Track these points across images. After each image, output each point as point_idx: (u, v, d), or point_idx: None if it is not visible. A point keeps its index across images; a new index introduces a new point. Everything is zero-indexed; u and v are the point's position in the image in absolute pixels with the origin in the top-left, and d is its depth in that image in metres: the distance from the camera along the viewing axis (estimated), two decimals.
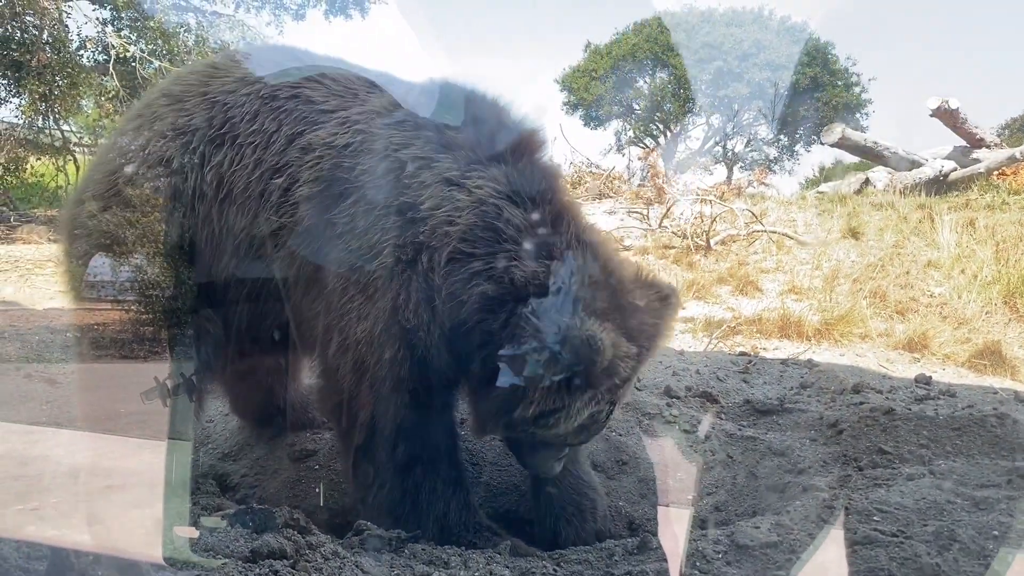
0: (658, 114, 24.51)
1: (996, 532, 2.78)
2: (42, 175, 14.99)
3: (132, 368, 3.53)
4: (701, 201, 10.44)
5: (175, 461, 2.82)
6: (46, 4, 13.22)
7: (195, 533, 2.35)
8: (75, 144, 14.96)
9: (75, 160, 15.11)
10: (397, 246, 2.85)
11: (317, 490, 4.26)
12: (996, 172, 13.96)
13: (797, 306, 6.92)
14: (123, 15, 14.74)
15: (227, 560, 2.23)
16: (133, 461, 3.23)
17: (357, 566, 2.12)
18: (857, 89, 23.33)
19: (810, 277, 7.92)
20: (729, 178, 22.93)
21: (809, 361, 5.38)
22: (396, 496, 3.07)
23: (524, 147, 3.02)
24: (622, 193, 14.38)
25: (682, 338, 6.09)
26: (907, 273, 7.92)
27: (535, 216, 2.87)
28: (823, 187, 17.32)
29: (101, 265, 3.37)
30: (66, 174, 15.04)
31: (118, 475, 3.35)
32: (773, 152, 24.91)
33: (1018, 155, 14.16)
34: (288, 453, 4.42)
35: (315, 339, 3.10)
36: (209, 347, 3.24)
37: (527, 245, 2.80)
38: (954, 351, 5.66)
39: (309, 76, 3.28)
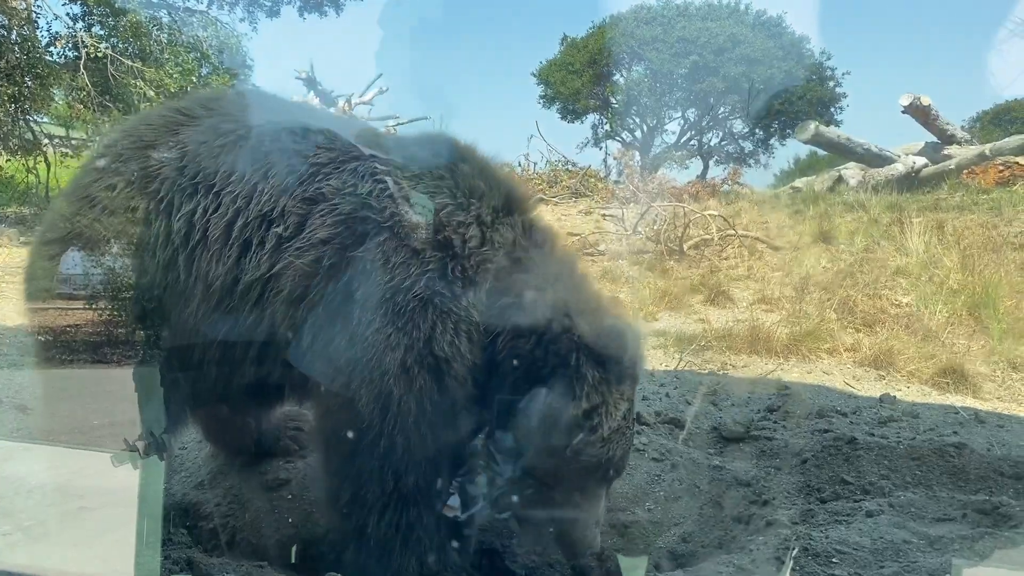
0: (634, 108, 24.58)
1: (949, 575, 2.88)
2: (11, 176, 14.82)
3: (103, 374, 3.53)
4: (675, 206, 10.52)
5: (146, 513, 2.84)
6: (15, 4, 13.04)
7: None
8: (46, 144, 14.78)
9: (46, 159, 14.95)
10: (435, 279, 3.00)
11: (291, 520, 4.31)
12: (966, 171, 14.15)
13: (767, 318, 7.02)
14: (94, 11, 14.54)
15: None
16: (107, 479, 3.20)
17: None
18: (831, 83, 23.52)
19: (780, 285, 8.03)
20: (705, 172, 23.11)
21: (777, 382, 5.48)
22: (391, 531, 3.13)
23: (529, 204, 3.39)
24: (598, 191, 14.45)
25: (654, 354, 6.17)
26: (876, 281, 8.05)
27: (550, 259, 3.25)
28: (797, 182, 17.50)
29: (72, 260, 3.42)
30: (37, 174, 14.89)
31: (92, 495, 3.35)
32: (748, 146, 25.07)
33: (988, 152, 14.37)
34: (261, 482, 4.45)
35: (325, 373, 3.12)
36: (180, 400, 3.26)
37: (549, 283, 3.14)
38: (918, 368, 5.77)
39: (289, 127, 3.31)
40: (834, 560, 3.05)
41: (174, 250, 3.12)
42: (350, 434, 3.09)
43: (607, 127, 25.59)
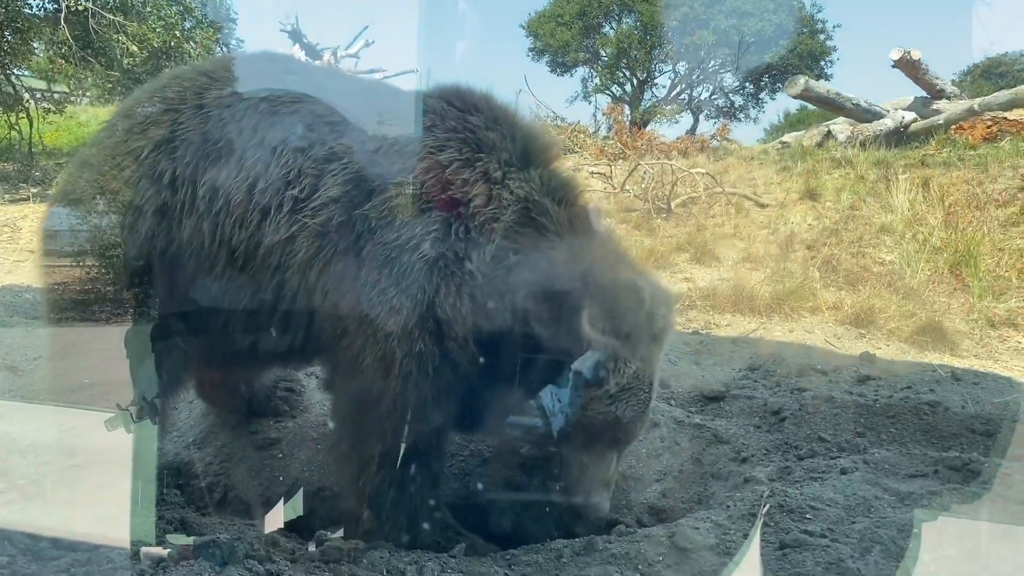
0: (624, 61, 24.37)
1: (915, 530, 2.99)
2: None
3: (94, 333, 3.57)
4: (663, 163, 10.53)
5: (141, 475, 2.92)
6: None
7: (164, 551, 2.47)
8: (28, 100, 14.60)
9: (28, 114, 14.78)
10: (439, 240, 3.01)
11: (281, 479, 4.40)
12: (955, 126, 14.15)
13: (752, 277, 7.10)
14: None
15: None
16: (99, 437, 3.25)
17: None
18: (822, 36, 23.36)
19: (766, 244, 8.10)
20: (694, 127, 23.04)
21: (759, 341, 5.58)
22: (385, 484, 3.24)
23: (549, 155, 3.30)
24: (587, 147, 14.42)
25: None
26: (860, 239, 8.12)
27: (567, 214, 3.15)
28: (786, 137, 17.49)
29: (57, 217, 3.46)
30: (19, 130, 14.73)
31: (85, 453, 3.41)
32: (738, 100, 24.95)
33: (976, 107, 14.36)
34: (252, 441, 4.54)
35: (335, 334, 3.16)
36: (177, 365, 3.31)
37: (565, 239, 3.09)
38: (899, 326, 5.87)
39: (310, 87, 3.32)
40: (807, 516, 3.15)
41: (199, 216, 3.15)
42: (354, 391, 3.19)
43: (597, 81, 25.43)
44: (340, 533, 3.15)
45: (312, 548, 2.87)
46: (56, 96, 18.28)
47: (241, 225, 3.12)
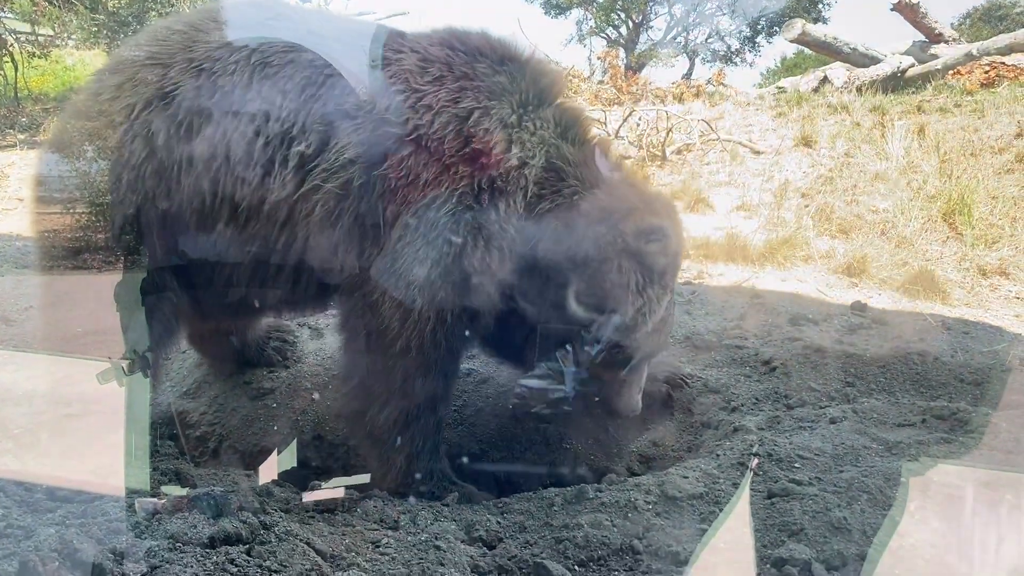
0: (619, 3, 23.97)
1: (901, 479, 3.03)
2: None
3: (85, 281, 3.56)
4: (658, 110, 10.43)
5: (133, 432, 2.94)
6: None
7: (159, 502, 2.49)
8: (11, 44, 14.32)
9: (12, 58, 14.51)
10: (465, 194, 3.05)
11: (275, 428, 4.44)
12: (952, 71, 14.00)
13: (745, 225, 7.09)
14: None
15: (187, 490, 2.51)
16: (93, 386, 3.26)
17: (308, 544, 2.29)
18: None
19: (760, 191, 8.06)
20: (690, 71, 22.75)
21: (752, 290, 5.59)
22: (389, 423, 3.31)
23: (556, 90, 3.31)
24: (582, 92, 14.24)
25: None
26: (854, 187, 8.09)
27: (583, 152, 3.25)
28: (783, 82, 17.28)
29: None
30: (4, 74, 14.48)
31: (79, 402, 3.43)
32: (735, 44, 24.60)
33: (975, 51, 14.19)
34: (246, 391, 4.56)
35: (352, 281, 3.21)
36: (169, 319, 3.30)
37: (584, 178, 3.20)
38: (890, 275, 5.88)
39: (301, 35, 3.24)
40: (796, 465, 3.19)
41: (197, 174, 3.11)
42: (368, 330, 3.23)
43: (592, 23, 25.00)
44: (334, 482, 3.19)
45: (306, 498, 2.90)
46: (41, 39, 17.93)
47: (243, 182, 3.09)
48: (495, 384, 4.39)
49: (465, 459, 3.84)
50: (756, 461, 3.18)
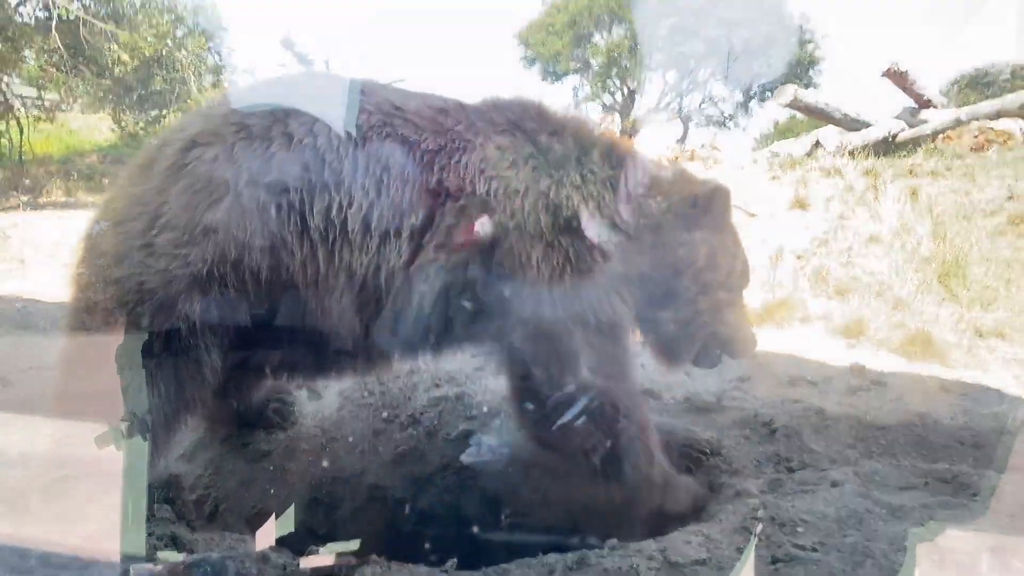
0: (615, 70, 24.48)
1: (906, 543, 3.00)
2: None
3: (84, 341, 3.54)
4: None
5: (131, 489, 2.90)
6: None
7: (155, 569, 2.46)
8: (19, 108, 14.55)
9: (19, 122, 14.73)
10: (572, 269, 3.36)
11: (273, 491, 4.39)
12: (942, 135, 14.25)
13: None
14: None
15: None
16: (90, 448, 3.24)
17: None
18: (811, 46, 23.51)
19: (756, 254, 8.11)
20: (685, 135, 23.13)
21: None
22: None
23: (591, 134, 3.68)
24: None
25: None
26: (850, 249, 8.16)
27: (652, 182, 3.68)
28: (776, 146, 17.54)
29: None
30: (9, 137, 14.67)
31: (75, 464, 3.38)
32: (728, 109, 25.07)
33: (963, 117, 14.47)
34: (244, 453, 4.52)
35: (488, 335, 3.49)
36: (201, 383, 3.29)
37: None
38: (888, 337, 5.90)
39: (389, 111, 3.39)
40: (799, 529, 3.16)
41: (312, 246, 3.19)
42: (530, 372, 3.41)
43: (587, 89, 25.50)
44: (331, 547, 3.15)
45: (303, 564, 2.85)
46: (46, 103, 18.23)
47: (361, 251, 3.20)
48: (490, 443, 4.37)
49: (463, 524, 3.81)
50: (760, 527, 3.15)
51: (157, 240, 3.12)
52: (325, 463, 4.32)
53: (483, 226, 3.25)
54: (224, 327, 3.22)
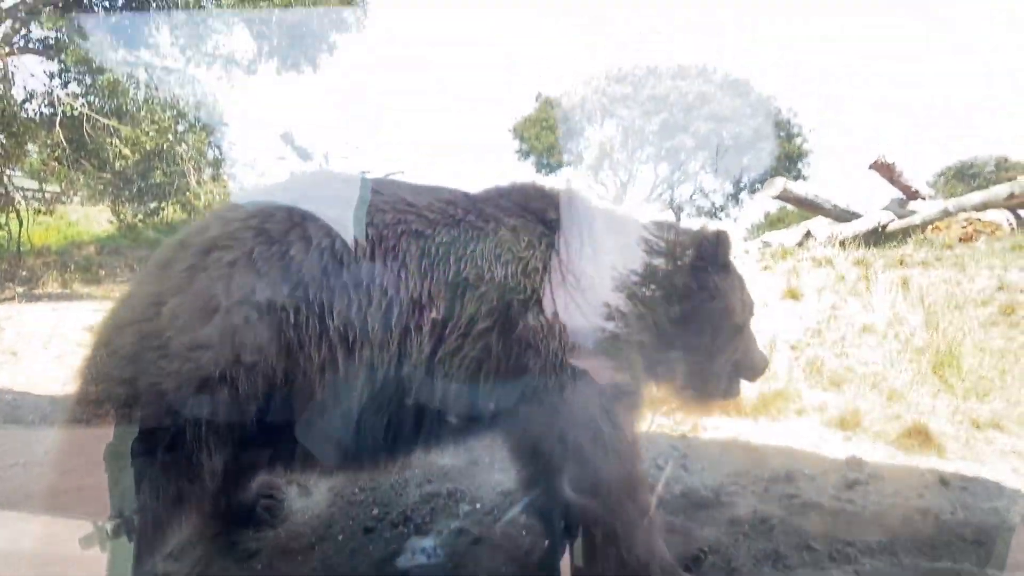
0: (607, 163, 24.98)
1: None
2: None
3: (83, 435, 3.48)
4: None
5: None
6: None
7: None
8: (19, 201, 14.72)
9: (18, 215, 14.87)
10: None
11: None
12: (931, 226, 14.46)
13: None
14: (71, 69, 14.58)
15: None
16: (74, 546, 3.16)
17: None
18: (799, 140, 24.06)
19: None
20: None
21: (747, 444, 5.55)
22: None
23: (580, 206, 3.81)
24: None
25: None
26: (843, 339, 8.18)
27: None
28: (767, 236, 17.77)
29: None
30: (8, 230, 14.78)
31: (60, 563, 3.29)
32: (719, 200, 25.48)
33: (951, 208, 14.71)
34: (232, 552, 4.42)
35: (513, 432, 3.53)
36: (202, 480, 3.24)
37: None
38: (884, 429, 5.86)
39: (402, 208, 3.47)
40: None
41: (331, 346, 3.18)
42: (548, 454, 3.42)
43: (581, 181, 25.93)
44: None
45: None
46: (47, 195, 18.46)
47: (382, 348, 3.21)
48: (425, 547, 4.28)
49: None
50: None
51: (172, 342, 3.11)
52: (315, 564, 4.22)
53: (506, 310, 3.31)
54: (230, 430, 3.19)
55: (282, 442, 3.48)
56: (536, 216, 3.58)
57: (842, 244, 14.04)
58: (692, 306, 3.75)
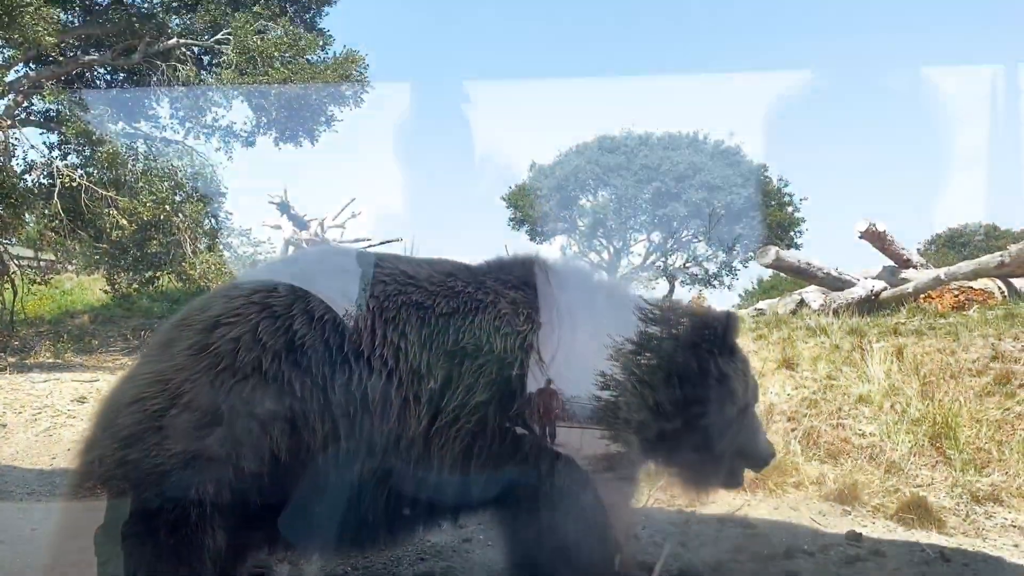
0: (600, 231, 25.20)
1: None
2: None
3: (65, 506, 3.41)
4: None
5: None
6: None
7: None
8: (14, 271, 14.72)
9: (13, 284, 14.85)
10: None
11: None
12: (923, 295, 14.52)
13: None
14: (71, 140, 14.73)
15: None
16: None
17: None
18: (790, 209, 24.34)
19: None
20: (671, 294, 23.48)
21: (744, 518, 5.49)
22: None
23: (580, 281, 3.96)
24: None
25: None
26: (839, 410, 8.15)
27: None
28: (761, 304, 17.83)
29: None
30: (2, 300, 14.74)
31: None
32: (712, 268, 25.64)
33: (943, 276, 14.80)
34: None
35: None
36: (195, 568, 3.18)
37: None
38: (883, 503, 5.81)
39: (403, 280, 3.52)
40: None
41: (334, 419, 3.19)
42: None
43: (574, 249, 26.15)
44: None
45: None
46: (42, 264, 18.48)
47: (382, 420, 3.21)
48: None
49: None
50: None
51: (177, 421, 3.10)
52: None
53: (504, 383, 3.29)
54: (234, 510, 3.15)
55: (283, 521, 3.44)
56: (536, 291, 3.59)
57: (836, 312, 14.08)
58: (694, 389, 3.68)
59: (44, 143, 15.27)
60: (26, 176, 14.65)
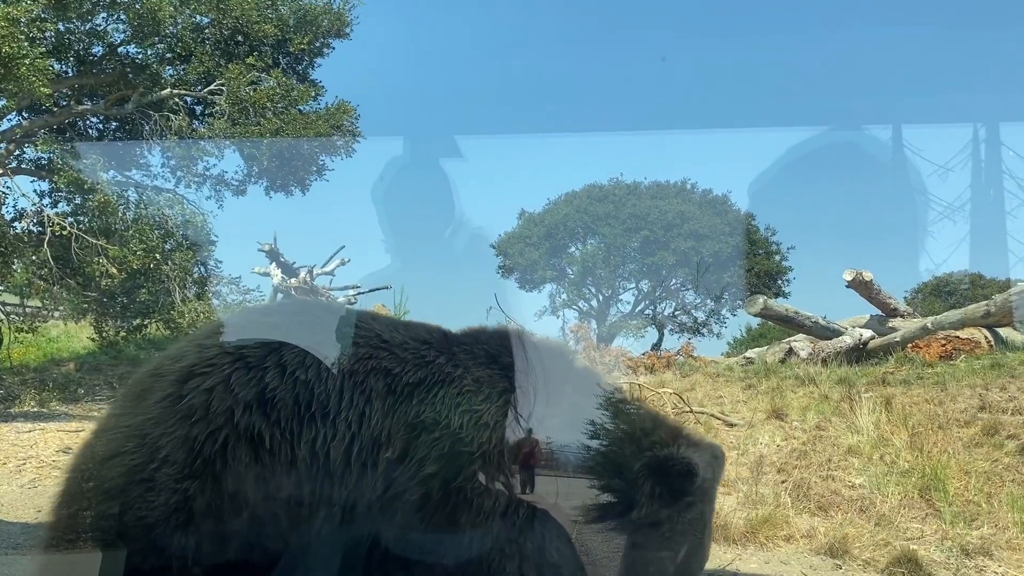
0: (590, 279, 25.32)
1: None
2: None
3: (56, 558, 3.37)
4: (631, 384, 10.69)
5: None
6: None
7: None
8: (1, 317, 14.66)
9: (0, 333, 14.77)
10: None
11: None
12: (911, 344, 14.62)
13: (725, 501, 7.03)
14: (62, 188, 14.75)
15: None
16: None
17: None
18: (777, 257, 24.54)
19: (736, 466, 8.08)
20: (660, 341, 23.58)
21: (735, 573, 5.46)
22: None
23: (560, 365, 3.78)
24: None
25: None
26: (829, 461, 8.16)
27: None
28: (750, 352, 17.88)
29: None
30: None
31: None
32: (701, 316, 25.76)
33: (930, 325, 14.91)
34: None
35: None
36: None
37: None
38: (873, 556, 5.78)
39: (376, 344, 3.46)
40: None
41: (298, 475, 3.16)
42: None
43: (564, 297, 26.26)
44: None
45: None
46: (29, 310, 18.37)
47: (341, 484, 3.17)
48: None
49: None
50: None
51: (157, 475, 3.09)
52: None
53: (453, 460, 3.24)
54: (214, 562, 3.13)
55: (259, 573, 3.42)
56: (503, 371, 3.50)
57: (824, 361, 14.15)
58: (650, 522, 3.31)
59: (35, 191, 15.31)
60: (15, 224, 14.66)
